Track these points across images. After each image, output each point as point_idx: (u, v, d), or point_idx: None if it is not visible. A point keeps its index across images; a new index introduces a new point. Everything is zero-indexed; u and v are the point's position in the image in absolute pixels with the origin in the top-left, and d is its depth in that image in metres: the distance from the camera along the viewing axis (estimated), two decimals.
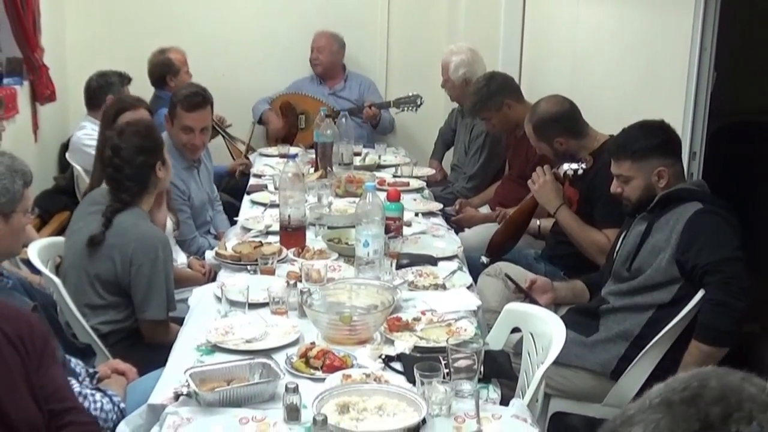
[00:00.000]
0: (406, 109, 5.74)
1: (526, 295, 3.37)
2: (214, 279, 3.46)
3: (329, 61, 6.27)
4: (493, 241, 3.95)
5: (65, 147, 5.43)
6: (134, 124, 3.40)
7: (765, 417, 0.99)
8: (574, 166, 3.67)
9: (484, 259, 3.88)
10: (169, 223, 3.71)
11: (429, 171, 5.23)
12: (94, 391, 2.44)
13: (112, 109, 4.01)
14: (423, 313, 2.86)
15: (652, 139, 3.10)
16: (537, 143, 3.93)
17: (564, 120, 3.82)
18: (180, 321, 3.05)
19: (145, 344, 3.20)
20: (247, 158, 5.67)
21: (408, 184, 4.68)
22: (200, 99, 4.19)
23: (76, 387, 2.37)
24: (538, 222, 4.09)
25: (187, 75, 5.62)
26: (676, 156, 3.15)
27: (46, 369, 2.14)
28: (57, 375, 2.20)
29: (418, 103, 5.69)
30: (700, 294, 2.86)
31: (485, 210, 4.82)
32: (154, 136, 3.35)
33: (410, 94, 5.68)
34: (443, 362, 2.34)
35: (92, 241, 3.15)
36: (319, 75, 6.30)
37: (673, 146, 3.14)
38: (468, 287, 3.20)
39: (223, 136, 5.77)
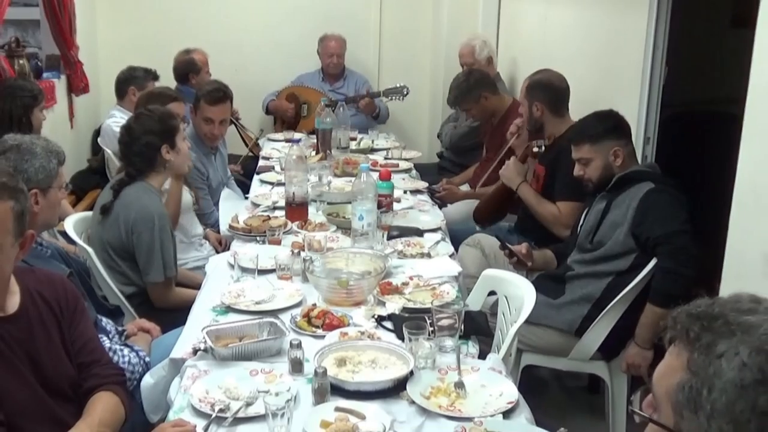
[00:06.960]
0: (394, 98, 5.67)
1: (516, 257, 3.27)
2: (227, 248, 3.43)
3: (342, 62, 6.16)
4: (478, 209, 4.04)
5: (97, 133, 5.40)
6: (152, 110, 3.30)
7: None
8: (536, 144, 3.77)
9: (478, 228, 3.97)
10: (189, 198, 3.66)
11: (416, 154, 5.18)
12: (122, 347, 2.41)
13: (157, 100, 3.79)
14: (411, 278, 2.85)
15: (605, 123, 3.12)
16: (522, 99, 3.88)
17: (552, 93, 3.78)
18: (197, 286, 3.02)
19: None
20: (257, 145, 5.59)
21: (398, 165, 4.65)
22: (221, 95, 4.17)
23: (107, 343, 2.34)
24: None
25: (207, 74, 5.54)
26: (627, 138, 3.14)
27: (77, 325, 2.10)
28: (86, 329, 2.15)
29: (405, 92, 5.60)
30: (653, 263, 2.85)
31: (465, 188, 4.79)
32: (165, 121, 3.22)
33: (398, 85, 5.61)
34: (428, 321, 2.33)
35: (103, 208, 3.14)
36: (331, 75, 6.18)
37: (623, 129, 3.14)
38: (450, 256, 3.18)
39: (235, 126, 5.71)
